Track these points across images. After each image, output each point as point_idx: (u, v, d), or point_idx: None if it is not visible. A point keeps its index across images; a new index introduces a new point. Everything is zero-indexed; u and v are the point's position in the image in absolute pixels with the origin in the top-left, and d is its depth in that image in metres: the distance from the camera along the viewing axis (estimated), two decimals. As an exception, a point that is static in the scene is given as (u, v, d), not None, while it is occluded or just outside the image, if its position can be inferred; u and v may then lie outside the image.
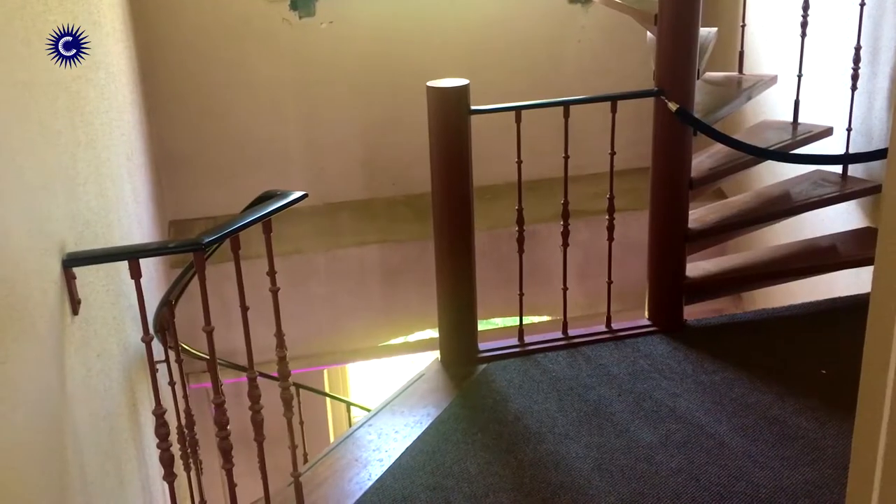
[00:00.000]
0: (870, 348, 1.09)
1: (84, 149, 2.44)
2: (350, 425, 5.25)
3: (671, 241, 3.32)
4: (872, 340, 1.08)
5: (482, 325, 3.54)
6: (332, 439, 5.38)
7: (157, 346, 2.57)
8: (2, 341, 1.49)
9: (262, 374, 2.52)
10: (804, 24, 3.59)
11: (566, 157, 3.13)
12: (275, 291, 2.29)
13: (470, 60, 4.89)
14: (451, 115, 2.97)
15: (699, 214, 3.50)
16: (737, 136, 3.54)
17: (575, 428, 2.87)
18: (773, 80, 3.84)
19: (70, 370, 1.98)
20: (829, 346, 3.24)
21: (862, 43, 3.48)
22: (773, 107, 4.25)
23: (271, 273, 2.28)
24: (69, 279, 2.02)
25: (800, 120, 3.75)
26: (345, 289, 4.91)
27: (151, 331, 2.27)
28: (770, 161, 3.71)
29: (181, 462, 2.87)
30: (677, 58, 3.10)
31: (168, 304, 2.65)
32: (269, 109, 4.96)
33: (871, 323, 1.08)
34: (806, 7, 3.58)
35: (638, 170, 3.80)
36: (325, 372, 5.56)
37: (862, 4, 3.42)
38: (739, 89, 3.72)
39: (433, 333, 4.91)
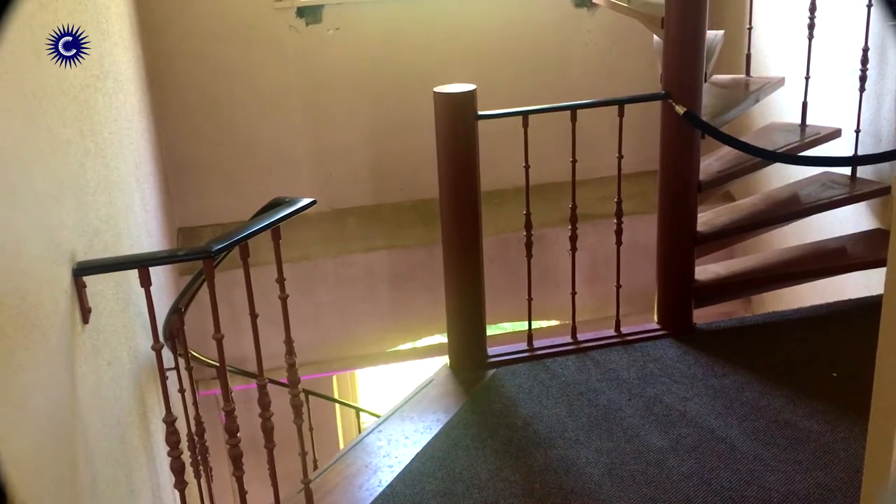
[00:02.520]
0: (883, 350, 1.08)
1: (93, 158, 2.45)
2: (360, 431, 5.24)
3: (680, 244, 3.31)
4: (886, 342, 1.08)
5: (491, 330, 3.54)
6: (341, 445, 5.38)
7: (167, 353, 2.57)
8: (13, 350, 1.49)
9: (271, 381, 2.52)
10: (811, 26, 3.59)
11: (574, 161, 3.13)
12: (284, 299, 2.29)
13: (477, 65, 4.90)
14: (459, 121, 2.97)
15: (707, 217, 3.49)
16: (745, 139, 3.54)
17: (585, 433, 2.86)
18: (780, 82, 3.83)
19: (81, 379, 1.98)
20: (839, 348, 3.22)
21: (869, 44, 3.47)
22: (780, 109, 4.24)
23: (280, 280, 2.29)
24: (79, 288, 2.02)
25: (808, 122, 3.74)
26: (353, 295, 4.91)
27: (161, 339, 2.28)
28: (778, 163, 3.70)
29: (192, 470, 2.87)
30: (684, 61, 3.10)
31: (178, 312, 2.65)
32: (276, 116, 4.98)
33: (885, 325, 1.07)
34: (813, 9, 3.57)
35: (646, 173, 3.79)
36: (335, 378, 5.56)
37: (869, 5, 3.41)
38: (747, 92, 3.72)
39: (442, 339, 4.90)
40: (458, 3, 4.97)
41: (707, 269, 3.49)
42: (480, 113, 2.97)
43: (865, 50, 3.47)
